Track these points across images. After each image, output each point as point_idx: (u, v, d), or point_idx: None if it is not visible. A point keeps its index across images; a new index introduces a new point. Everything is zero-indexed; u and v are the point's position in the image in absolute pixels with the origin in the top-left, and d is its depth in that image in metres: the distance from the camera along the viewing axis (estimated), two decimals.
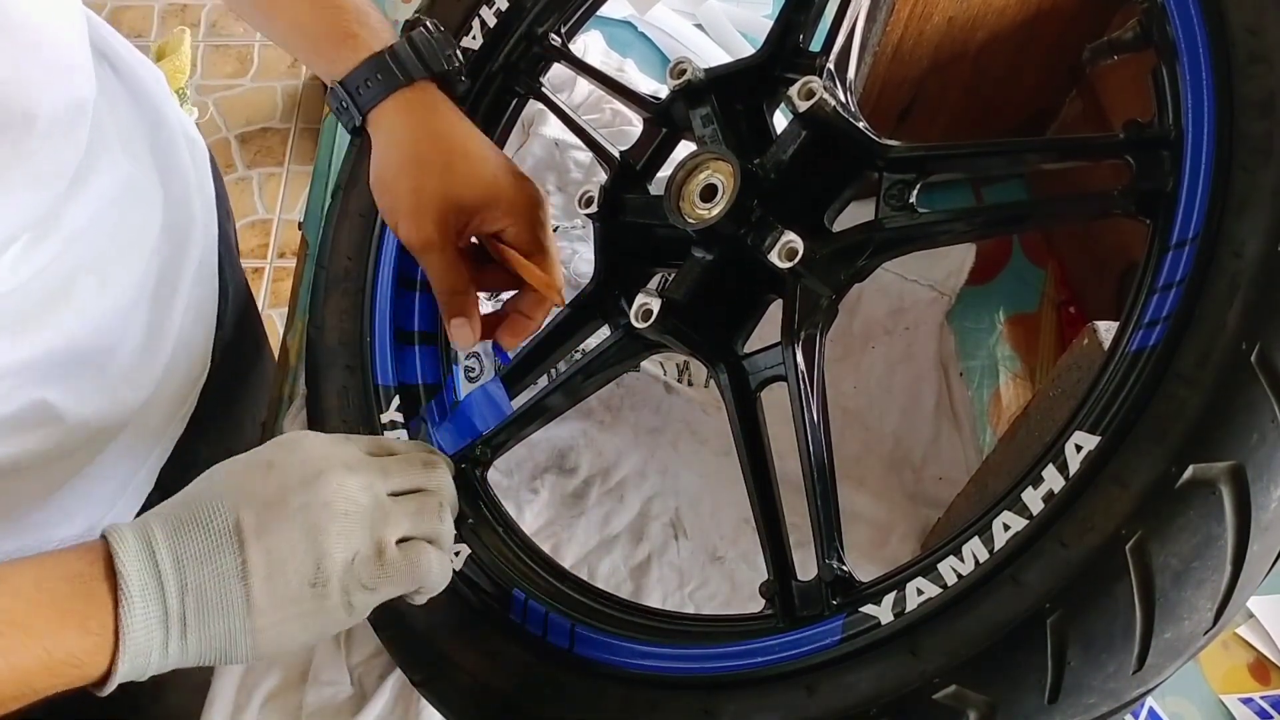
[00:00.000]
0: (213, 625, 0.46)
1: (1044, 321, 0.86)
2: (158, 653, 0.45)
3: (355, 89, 0.63)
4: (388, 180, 0.64)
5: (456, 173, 0.63)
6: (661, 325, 0.57)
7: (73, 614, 0.43)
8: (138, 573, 0.45)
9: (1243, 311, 0.40)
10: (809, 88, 0.55)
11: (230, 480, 0.49)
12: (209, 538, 0.47)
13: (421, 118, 0.64)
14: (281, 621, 0.48)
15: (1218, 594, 0.40)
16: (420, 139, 0.63)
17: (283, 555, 0.47)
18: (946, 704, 0.43)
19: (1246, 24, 0.43)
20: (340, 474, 0.50)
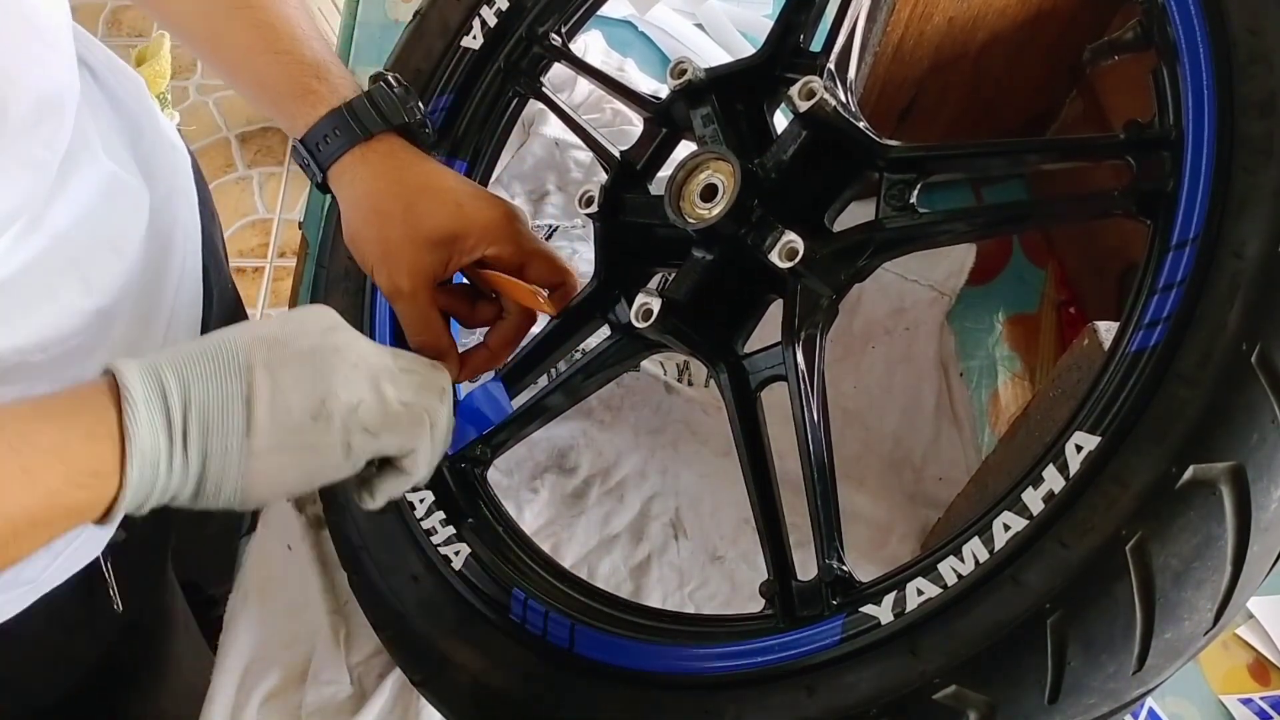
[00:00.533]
0: (212, 441, 0.47)
1: (1044, 321, 0.86)
2: (164, 464, 0.46)
3: (315, 145, 0.63)
4: (355, 233, 0.64)
5: (419, 214, 0.63)
6: (661, 325, 0.57)
7: (79, 423, 0.44)
8: (140, 382, 0.45)
9: (1243, 312, 0.40)
10: (809, 88, 0.54)
11: (247, 328, 0.50)
12: (215, 364, 0.48)
13: (379, 169, 0.64)
14: (278, 449, 0.48)
15: (1218, 594, 0.40)
16: (379, 190, 0.63)
17: (288, 385, 0.49)
18: (946, 704, 0.43)
19: (1247, 24, 0.43)
20: (354, 333, 0.52)
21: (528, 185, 0.91)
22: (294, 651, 0.71)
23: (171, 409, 0.46)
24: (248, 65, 0.64)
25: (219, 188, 2.20)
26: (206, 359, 0.48)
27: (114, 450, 0.44)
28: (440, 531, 0.63)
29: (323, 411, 0.49)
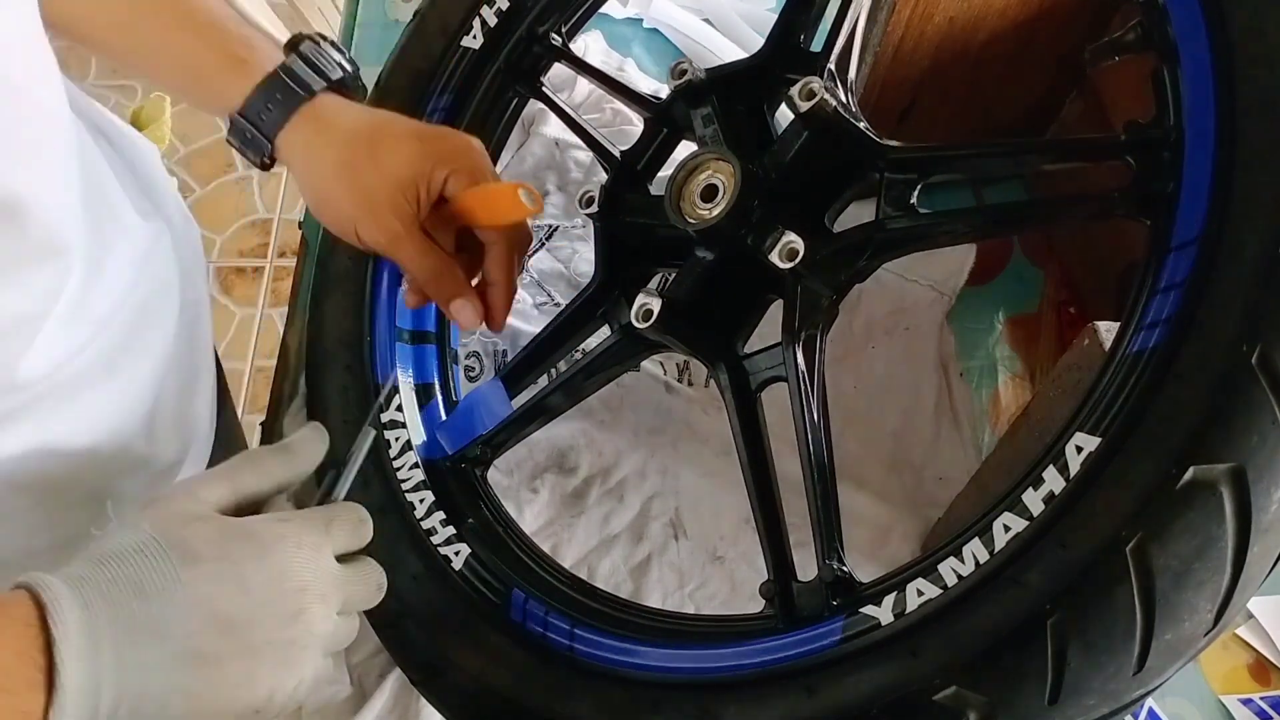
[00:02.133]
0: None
1: (1044, 322, 0.85)
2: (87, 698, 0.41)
3: (257, 115, 0.61)
4: (324, 196, 0.63)
5: (385, 155, 0.61)
6: (662, 325, 0.57)
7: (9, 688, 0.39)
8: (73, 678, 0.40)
9: (1243, 313, 0.40)
10: (810, 88, 0.54)
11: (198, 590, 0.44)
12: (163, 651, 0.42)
13: (331, 124, 0.62)
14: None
15: (1218, 595, 0.40)
16: (338, 142, 0.62)
17: (235, 684, 0.44)
18: (946, 705, 0.43)
19: (1247, 25, 0.43)
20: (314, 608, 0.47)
21: None
22: None
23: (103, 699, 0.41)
24: (168, 48, 0.62)
25: (219, 187, 2.20)
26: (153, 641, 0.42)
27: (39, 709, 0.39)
28: (440, 531, 0.63)
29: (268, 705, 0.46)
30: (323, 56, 0.63)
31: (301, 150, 0.62)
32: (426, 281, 0.63)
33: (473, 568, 0.61)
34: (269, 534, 0.47)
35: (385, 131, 0.62)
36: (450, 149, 0.63)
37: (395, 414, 0.67)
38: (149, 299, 0.62)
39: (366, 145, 0.61)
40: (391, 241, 0.62)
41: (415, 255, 0.62)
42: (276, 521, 0.48)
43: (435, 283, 0.63)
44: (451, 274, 0.63)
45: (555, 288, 0.86)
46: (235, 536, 0.46)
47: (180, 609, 0.43)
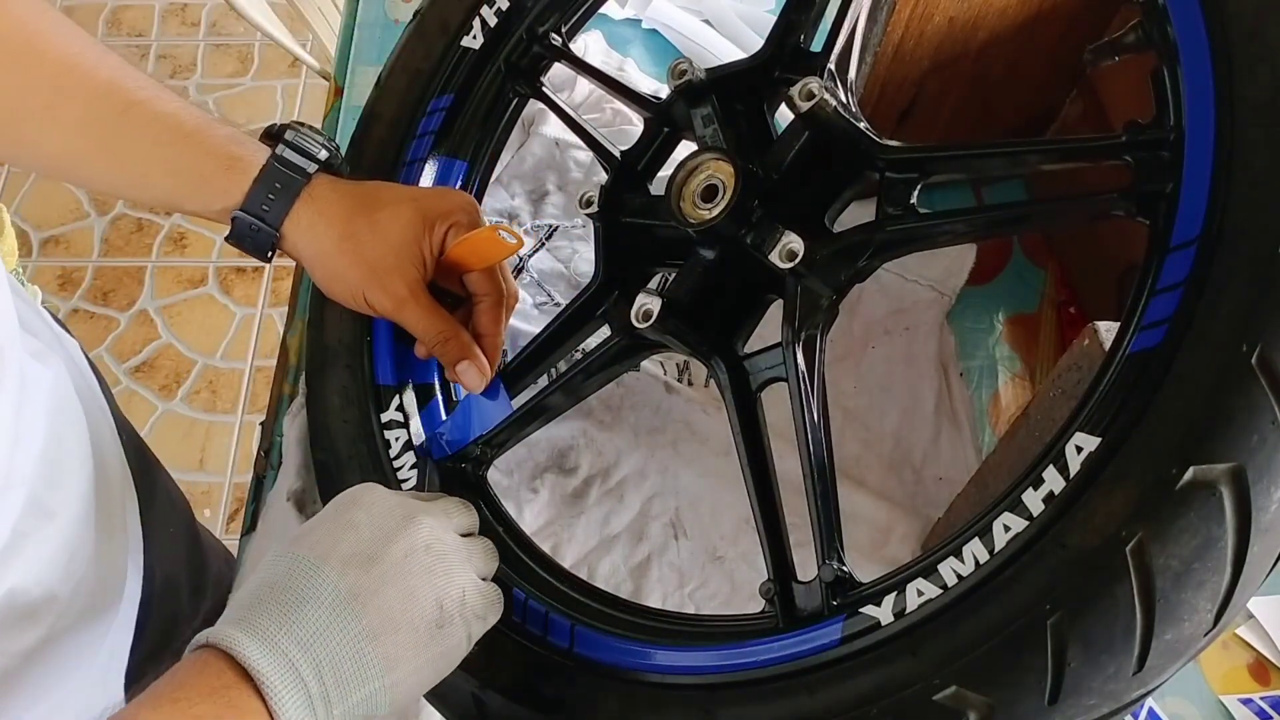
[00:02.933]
0: (353, 694, 0.46)
1: (1044, 322, 0.85)
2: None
3: (260, 208, 0.62)
4: (331, 271, 0.64)
5: (385, 224, 0.63)
6: (662, 325, 0.57)
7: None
8: (270, 669, 0.44)
9: (1243, 313, 0.40)
10: (809, 88, 0.54)
11: (319, 549, 0.49)
12: (324, 610, 0.46)
13: (330, 204, 0.64)
14: (416, 670, 0.48)
15: (1218, 595, 0.40)
16: (339, 219, 0.63)
17: (403, 605, 0.48)
18: (947, 705, 0.43)
19: (1247, 25, 0.43)
20: (424, 517, 0.51)
21: (528, 185, 0.91)
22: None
23: (307, 680, 0.44)
24: (157, 159, 0.62)
25: None
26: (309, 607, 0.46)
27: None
28: None
29: (443, 616, 0.50)
30: (307, 140, 0.64)
31: (306, 233, 0.63)
32: (432, 344, 0.65)
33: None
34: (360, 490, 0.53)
35: (381, 200, 0.64)
36: (445, 206, 0.65)
37: (395, 414, 0.67)
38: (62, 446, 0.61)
39: (366, 217, 0.63)
40: (398, 307, 0.63)
41: (420, 320, 0.64)
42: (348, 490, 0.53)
43: (440, 346, 0.65)
44: (456, 337, 0.65)
45: (555, 288, 0.86)
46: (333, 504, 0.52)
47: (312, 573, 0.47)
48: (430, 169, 0.72)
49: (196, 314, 2.09)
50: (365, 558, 0.48)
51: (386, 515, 0.51)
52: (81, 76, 0.60)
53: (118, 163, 0.62)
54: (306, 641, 0.45)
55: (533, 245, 0.88)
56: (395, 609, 0.48)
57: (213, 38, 2.46)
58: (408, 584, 0.49)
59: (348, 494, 0.53)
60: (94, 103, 0.60)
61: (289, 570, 0.48)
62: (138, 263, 2.15)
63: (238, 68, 2.42)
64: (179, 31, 2.47)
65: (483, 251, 0.65)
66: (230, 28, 2.47)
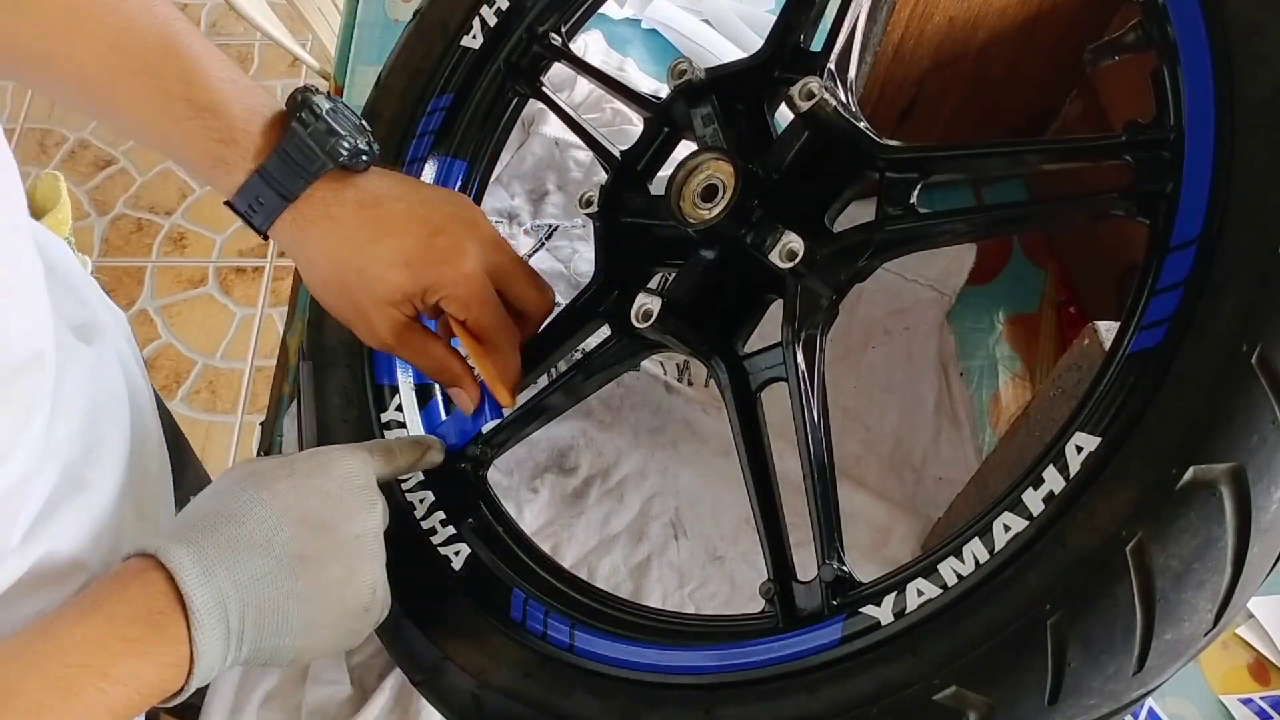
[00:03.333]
0: (266, 642, 0.48)
1: (1044, 321, 0.85)
2: (219, 665, 0.48)
3: (248, 208, 0.58)
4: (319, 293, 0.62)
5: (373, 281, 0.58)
6: (662, 325, 0.57)
7: (151, 654, 0.45)
8: (204, 601, 0.46)
9: (1243, 313, 0.40)
10: (809, 88, 0.54)
11: (282, 501, 0.50)
12: (267, 559, 0.48)
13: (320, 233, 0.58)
14: (327, 641, 0.51)
15: (1218, 595, 0.40)
16: (328, 256, 0.59)
17: (340, 581, 0.50)
18: (947, 705, 0.43)
19: (1247, 24, 0.43)
20: (379, 500, 0.53)
21: (528, 185, 0.91)
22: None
23: (230, 616, 0.47)
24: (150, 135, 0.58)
25: None
26: (256, 553, 0.48)
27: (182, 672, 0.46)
28: (440, 532, 0.63)
29: (372, 602, 0.52)
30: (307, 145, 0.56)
31: (294, 245, 0.60)
32: (428, 373, 0.64)
33: (473, 568, 0.61)
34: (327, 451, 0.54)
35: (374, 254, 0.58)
36: (445, 278, 0.59)
37: (395, 414, 0.67)
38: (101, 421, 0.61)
39: (355, 266, 0.59)
40: (384, 347, 0.62)
41: (413, 357, 0.63)
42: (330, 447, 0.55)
43: (435, 375, 0.64)
44: (449, 365, 0.63)
45: (555, 287, 0.86)
46: (298, 459, 0.53)
47: (270, 522, 0.49)
48: (430, 169, 0.72)
49: (196, 314, 2.09)
50: (321, 525, 0.50)
51: (353, 492, 0.52)
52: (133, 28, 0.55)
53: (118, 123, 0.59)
54: (242, 583, 0.47)
55: (533, 245, 0.88)
56: (332, 582, 0.50)
57: (213, 38, 2.46)
58: (352, 563, 0.51)
59: (324, 455, 0.53)
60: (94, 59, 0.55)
61: (247, 511, 0.49)
62: (138, 262, 2.15)
63: None
64: None
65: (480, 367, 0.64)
66: (230, 28, 2.47)
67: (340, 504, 0.51)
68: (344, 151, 0.57)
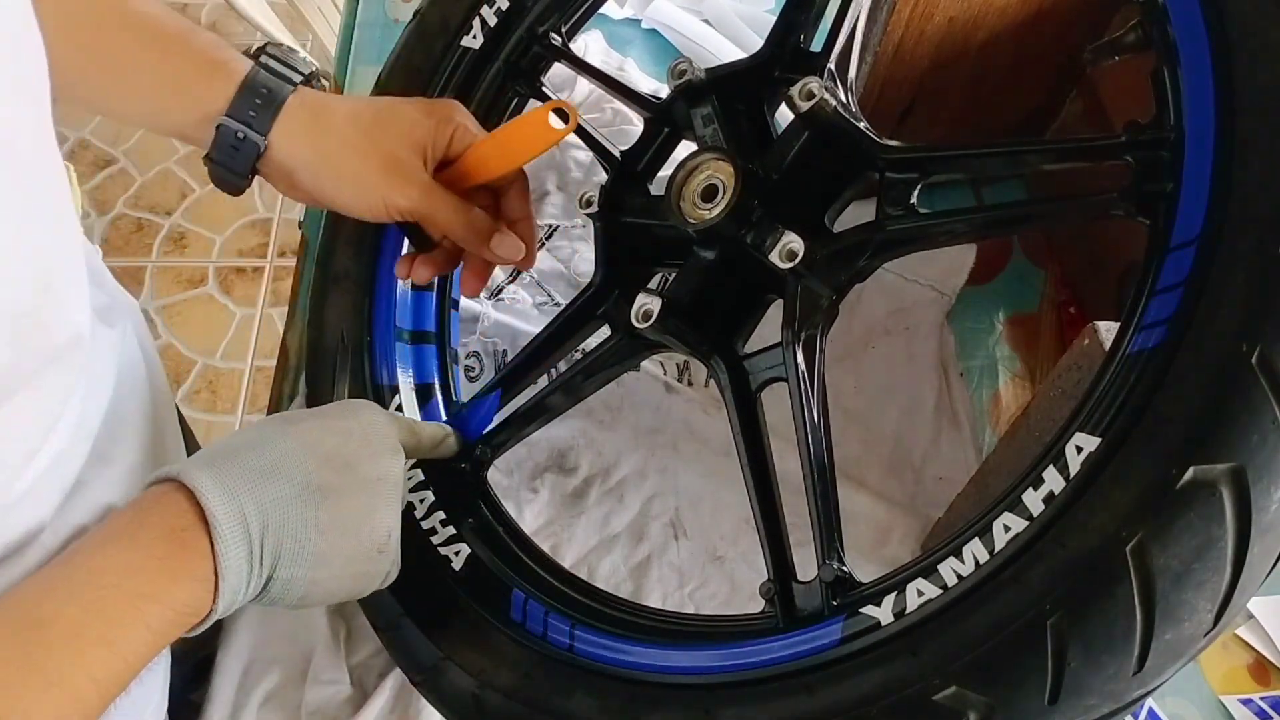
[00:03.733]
0: (283, 568, 0.49)
1: (1044, 321, 0.85)
2: (243, 590, 0.48)
3: (247, 113, 0.60)
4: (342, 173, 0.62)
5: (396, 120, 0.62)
6: (662, 325, 0.57)
7: (179, 571, 0.46)
8: (226, 517, 0.46)
9: (1243, 313, 0.40)
10: (809, 88, 0.54)
11: (307, 438, 0.51)
12: (290, 485, 0.49)
13: (325, 108, 0.62)
14: (337, 579, 0.51)
15: (1218, 596, 0.40)
16: (342, 122, 0.62)
17: (358, 518, 0.51)
18: (946, 705, 0.43)
19: (1247, 24, 0.43)
20: (402, 453, 0.54)
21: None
22: (294, 651, 0.71)
23: (252, 538, 0.47)
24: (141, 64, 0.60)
25: None
26: (278, 479, 0.49)
27: (209, 589, 0.47)
28: (440, 532, 0.63)
29: (385, 545, 0.53)
30: (289, 56, 0.62)
31: (303, 138, 0.61)
32: (465, 230, 0.64)
33: (473, 568, 0.61)
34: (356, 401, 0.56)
35: (384, 103, 0.64)
36: (446, 110, 0.65)
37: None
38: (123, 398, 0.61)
39: (373, 117, 0.62)
40: (425, 196, 0.62)
41: (447, 207, 0.63)
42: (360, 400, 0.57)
43: (472, 229, 0.64)
44: (483, 218, 0.64)
45: (555, 288, 0.86)
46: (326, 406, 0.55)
47: (294, 453, 0.50)
48: None
49: (196, 314, 2.09)
50: (344, 463, 0.51)
51: (378, 437, 0.53)
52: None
53: (104, 66, 0.61)
54: (264, 504, 0.48)
55: None
56: (350, 518, 0.50)
57: None
58: (371, 501, 0.51)
59: (352, 403, 0.55)
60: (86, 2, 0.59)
61: (273, 443, 0.50)
62: (138, 263, 2.15)
63: None
64: None
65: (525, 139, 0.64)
66: (230, 28, 2.46)
67: (365, 446, 0.52)
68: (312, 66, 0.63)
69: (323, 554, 0.50)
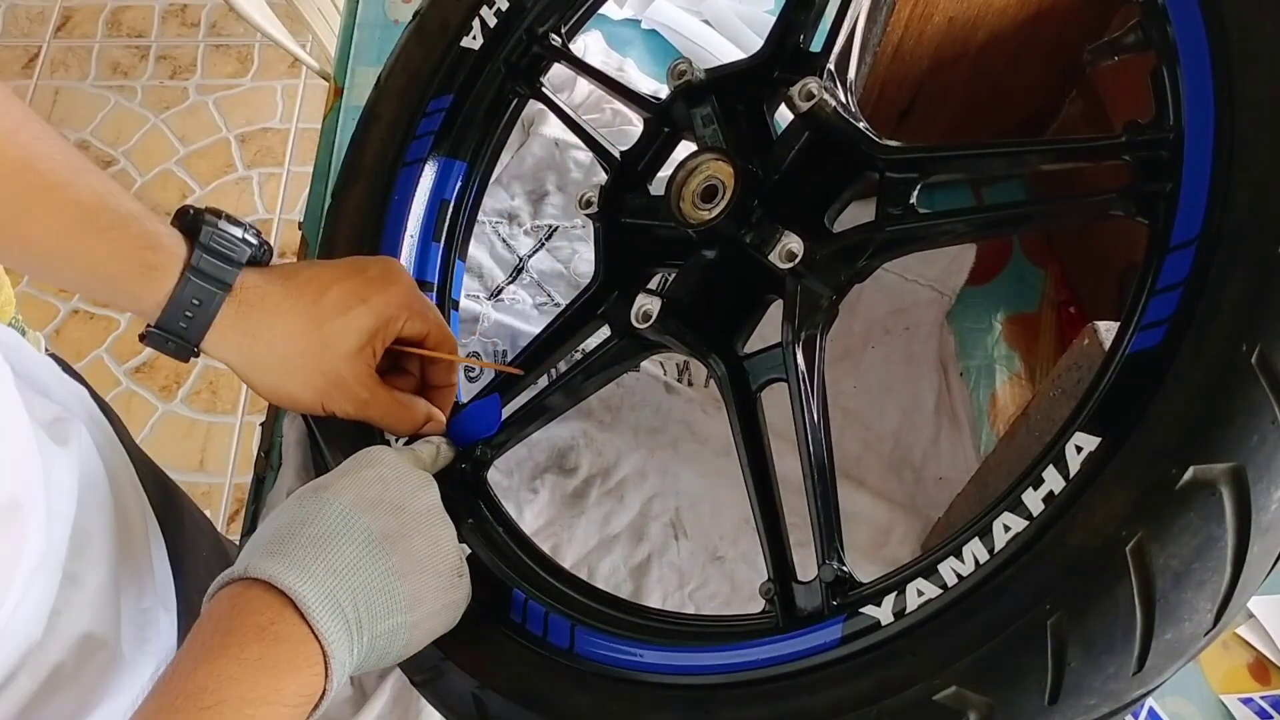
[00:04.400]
0: (380, 624, 0.49)
1: (1044, 321, 0.86)
2: (350, 660, 0.48)
3: (178, 323, 0.58)
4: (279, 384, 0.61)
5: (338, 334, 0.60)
6: (661, 326, 0.57)
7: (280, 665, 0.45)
8: (313, 595, 0.46)
9: (1243, 313, 0.40)
10: (809, 88, 0.55)
11: (347, 495, 0.51)
12: (356, 545, 0.49)
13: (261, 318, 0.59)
14: (434, 614, 0.52)
15: (1218, 595, 0.40)
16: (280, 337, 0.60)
17: (429, 551, 0.52)
18: (946, 705, 0.43)
19: (1246, 24, 0.43)
20: (432, 478, 0.56)
21: (527, 186, 0.91)
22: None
23: (344, 606, 0.47)
24: (68, 252, 0.57)
25: (219, 188, 2.20)
26: (343, 543, 0.49)
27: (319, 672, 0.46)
28: None
29: (461, 567, 0.54)
30: (224, 238, 0.58)
31: (236, 353, 0.60)
32: (399, 426, 0.64)
33: (473, 568, 0.61)
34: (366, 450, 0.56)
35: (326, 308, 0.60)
36: (394, 301, 0.62)
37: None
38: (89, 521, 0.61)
39: (316, 324, 0.60)
40: (361, 409, 0.62)
41: (386, 412, 0.63)
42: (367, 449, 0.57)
43: (406, 423, 0.64)
44: (414, 409, 0.64)
45: (555, 288, 0.86)
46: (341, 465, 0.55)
47: (345, 513, 0.50)
48: (430, 169, 0.72)
49: None
50: (393, 506, 0.52)
51: (406, 473, 0.54)
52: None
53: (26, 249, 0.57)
54: (340, 571, 0.48)
55: (533, 245, 0.88)
56: (422, 553, 0.51)
57: (213, 38, 2.46)
58: (432, 533, 0.53)
59: (364, 453, 0.56)
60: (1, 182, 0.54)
61: (319, 511, 0.50)
62: None
63: (238, 68, 2.42)
64: (179, 32, 2.47)
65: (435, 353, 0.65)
66: (230, 28, 2.47)
67: (401, 485, 0.53)
68: (254, 240, 0.60)
69: (412, 595, 0.50)
